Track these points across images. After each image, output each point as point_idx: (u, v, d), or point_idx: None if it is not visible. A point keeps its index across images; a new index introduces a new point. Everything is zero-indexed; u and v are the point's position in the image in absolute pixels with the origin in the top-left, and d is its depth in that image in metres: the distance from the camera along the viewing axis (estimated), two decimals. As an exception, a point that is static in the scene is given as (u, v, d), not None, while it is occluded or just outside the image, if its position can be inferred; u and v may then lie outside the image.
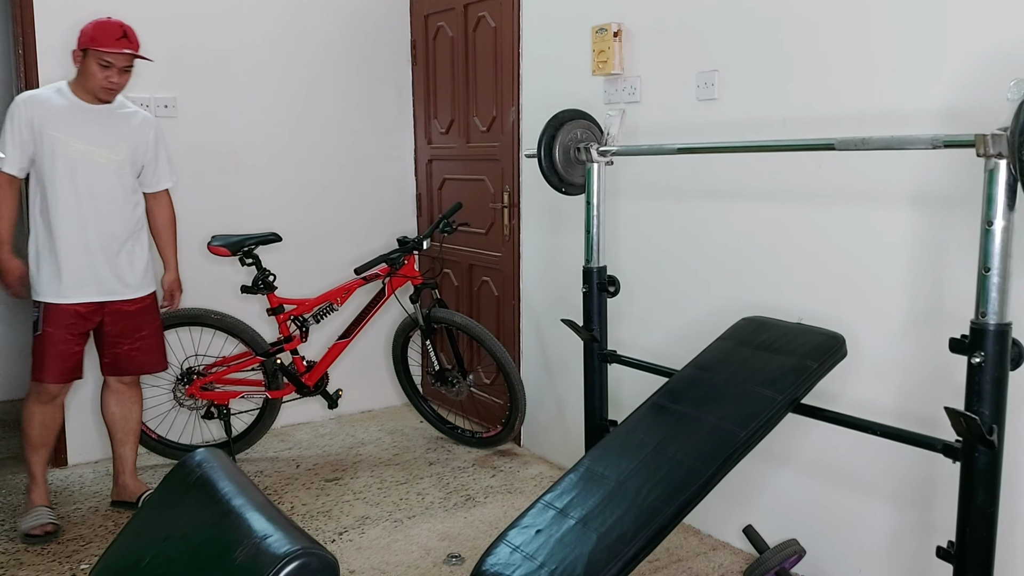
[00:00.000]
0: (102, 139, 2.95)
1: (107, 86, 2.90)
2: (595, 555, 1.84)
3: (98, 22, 2.89)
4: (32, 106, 2.89)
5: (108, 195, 2.97)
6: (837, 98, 2.42)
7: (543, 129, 2.67)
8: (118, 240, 3.00)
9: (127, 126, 3.03)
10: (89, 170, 2.92)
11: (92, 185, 2.93)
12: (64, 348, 2.94)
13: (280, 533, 1.32)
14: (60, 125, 2.89)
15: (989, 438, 1.71)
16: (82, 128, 2.92)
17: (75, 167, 2.90)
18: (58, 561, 2.82)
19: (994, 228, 1.69)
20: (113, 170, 2.97)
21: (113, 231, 2.98)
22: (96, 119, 2.95)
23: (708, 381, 2.28)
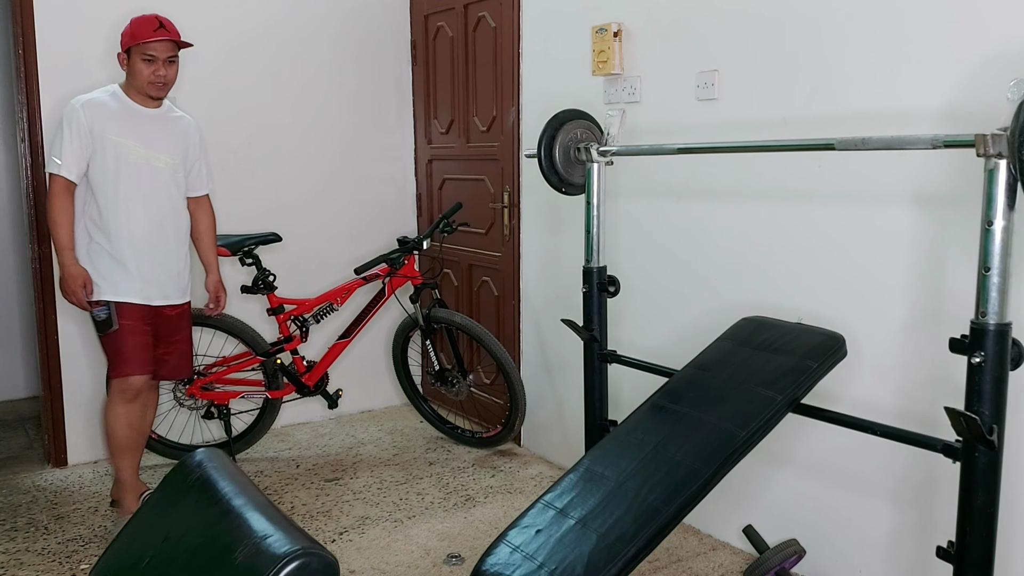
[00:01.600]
0: (160, 143, 2.95)
1: (155, 80, 2.87)
2: (595, 555, 1.84)
3: (134, 19, 2.89)
4: (91, 110, 2.85)
5: (167, 199, 2.97)
6: (837, 98, 2.42)
7: (543, 129, 2.67)
8: (175, 244, 3.01)
9: (178, 130, 3.03)
10: (152, 175, 2.92)
11: (154, 189, 2.93)
12: (143, 339, 2.94)
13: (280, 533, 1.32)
14: (120, 129, 2.87)
15: (989, 438, 1.71)
16: (141, 132, 2.91)
17: (138, 172, 2.89)
18: (58, 561, 2.82)
19: (994, 228, 1.69)
20: (170, 174, 2.98)
21: (172, 235, 3.00)
22: (152, 122, 2.95)
23: (708, 381, 2.28)
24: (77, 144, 2.82)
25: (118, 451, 3.02)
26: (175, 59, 2.91)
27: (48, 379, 3.61)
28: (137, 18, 2.88)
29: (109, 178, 2.86)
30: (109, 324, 2.90)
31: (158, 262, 2.96)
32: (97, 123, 2.84)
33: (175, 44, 2.89)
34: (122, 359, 2.93)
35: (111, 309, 2.89)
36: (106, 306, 2.89)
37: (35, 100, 3.45)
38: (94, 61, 3.55)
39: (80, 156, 2.83)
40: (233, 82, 3.88)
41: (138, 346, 2.93)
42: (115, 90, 2.94)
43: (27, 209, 3.58)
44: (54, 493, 3.38)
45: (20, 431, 4.16)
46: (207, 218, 3.21)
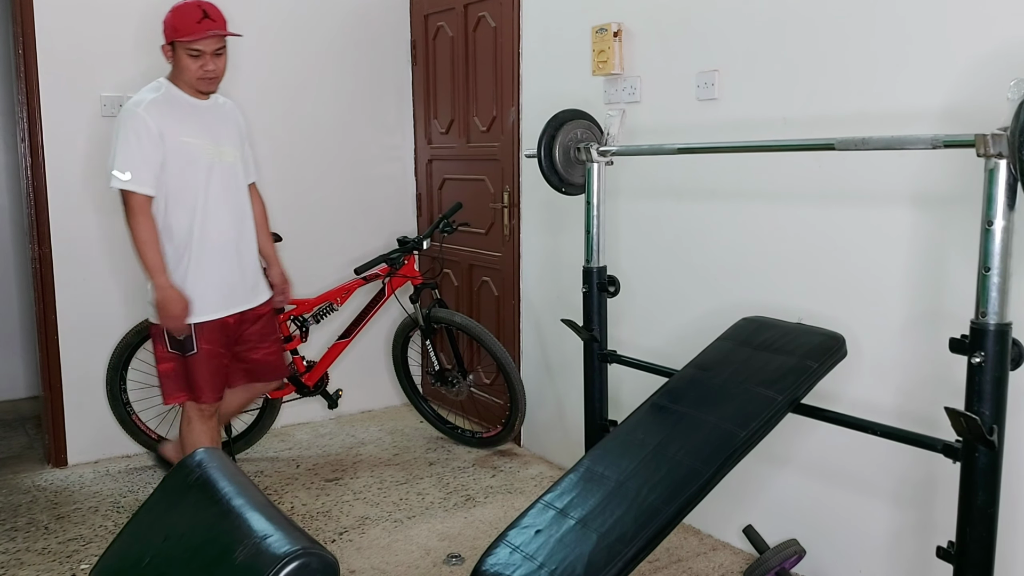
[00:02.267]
0: (223, 135, 2.75)
1: (203, 76, 2.64)
2: (595, 555, 1.84)
3: (175, 8, 2.61)
4: (156, 113, 2.59)
5: (240, 195, 2.81)
6: (837, 98, 2.42)
7: (543, 129, 2.67)
8: (252, 240, 2.86)
9: (230, 117, 2.84)
10: (224, 172, 2.73)
11: (229, 187, 2.74)
12: (219, 363, 2.77)
13: (280, 533, 1.32)
14: (187, 128, 2.65)
15: (989, 438, 1.71)
16: (205, 127, 2.70)
17: (212, 171, 2.69)
18: (58, 561, 2.82)
19: (994, 228, 1.69)
20: (239, 167, 2.81)
21: (249, 232, 2.84)
22: (211, 115, 2.74)
23: (708, 381, 2.28)
24: (150, 153, 2.57)
25: None
26: (223, 51, 2.66)
27: (48, 379, 3.61)
28: (178, 6, 2.60)
29: (186, 184, 2.64)
30: (189, 346, 2.70)
31: (244, 264, 2.80)
32: (166, 126, 2.60)
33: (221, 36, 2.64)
34: (200, 385, 2.74)
35: (191, 331, 2.69)
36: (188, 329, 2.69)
37: (35, 100, 3.45)
38: (95, 60, 3.55)
39: (154, 166, 2.58)
40: (232, 82, 3.86)
41: (216, 370, 2.76)
42: (166, 86, 2.68)
43: (27, 209, 3.58)
44: (54, 493, 3.38)
45: (20, 431, 4.16)
46: (260, 208, 2.99)
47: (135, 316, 3.60)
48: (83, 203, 3.58)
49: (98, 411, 3.66)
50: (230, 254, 2.75)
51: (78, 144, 3.55)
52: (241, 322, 2.83)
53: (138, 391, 3.65)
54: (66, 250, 3.57)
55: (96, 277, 3.65)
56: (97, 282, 3.65)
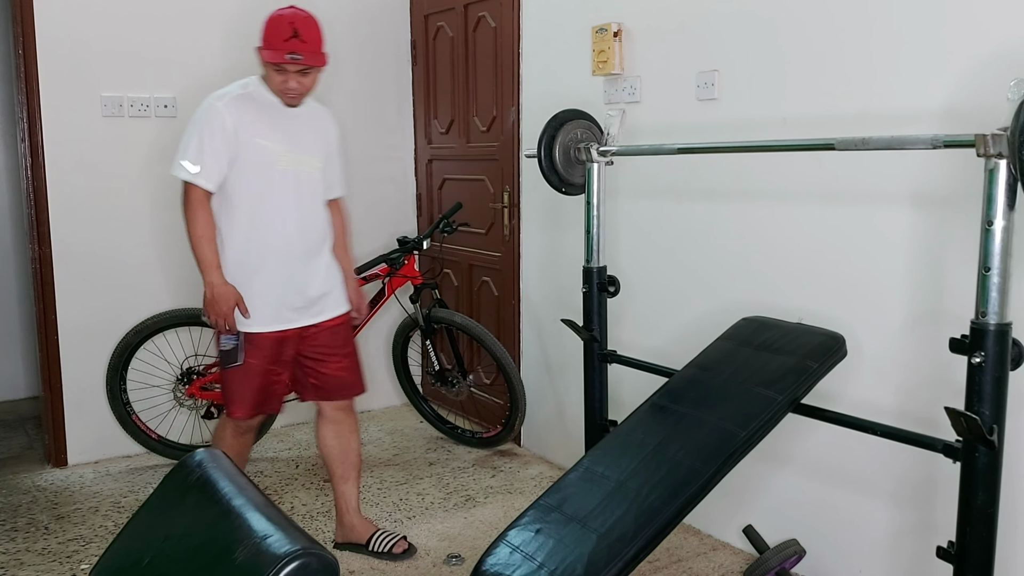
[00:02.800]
0: (308, 144, 2.63)
1: (285, 91, 2.52)
2: (595, 555, 1.84)
3: (272, 17, 2.48)
4: (236, 110, 2.50)
5: (316, 208, 2.66)
6: (837, 98, 2.42)
7: (543, 129, 2.67)
8: (323, 253, 2.69)
9: (321, 126, 2.71)
10: (301, 181, 2.60)
11: (303, 198, 2.61)
12: (264, 381, 2.62)
13: (280, 533, 1.31)
14: (266, 131, 2.53)
15: (989, 438, 1.71)
16: (288, 133, 2.58)
17: (287, 179, 2.56)
18: (58, 561, 2.82)
19: (994, 228, 1.69)
20: (318, 179, 2.66)
21: (319, 244, 2.68)
22: (297, 121, 2.61)
23: (708, 381, 2.28)
24: (221, 149, 2.47)
25: None
26: (311, 70, 2.52)
27: (48, 379, 3.61)
28: (275, 16, 2.48)
29: (253, 188, 2.52)
30: (234, 357, 2.58)
31: (307, 279, 2.63)
32: (243, 124, 2.50)
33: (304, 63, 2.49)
34: (234, 398, 2.62)
35: (240, 340, 2.57)
36: (236, 336, 2.57)
37: (35, 100, 3.45)
38: (95, 60, 3.56)
39: (223, 163, 2.49)
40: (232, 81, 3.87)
41: (258, 387, 2.61)
42: (256, 85, 2.58)
43: (27, 209, 3.58)
44: (54, 493, 3.38)
45: (20, 431, 4.16)
46: (340, 222, 2.84)
47: (135, 316, 3.61)
48: (83, 203, 3.58)
49: (98, 411, 3.66)
50: (291, 266, 2.60)
51: (78, 144, 3.55)
52: (303, 337, 2.67)
53: (138, 391, 3.65)
54: (66, 250, 3.57)
55: (96, 277, 3.65)
56: (97, 282, 3.65)
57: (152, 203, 3.71)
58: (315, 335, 2.69)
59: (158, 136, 3.69)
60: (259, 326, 2.57)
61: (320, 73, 2.56)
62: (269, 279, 2.57)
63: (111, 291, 3.66)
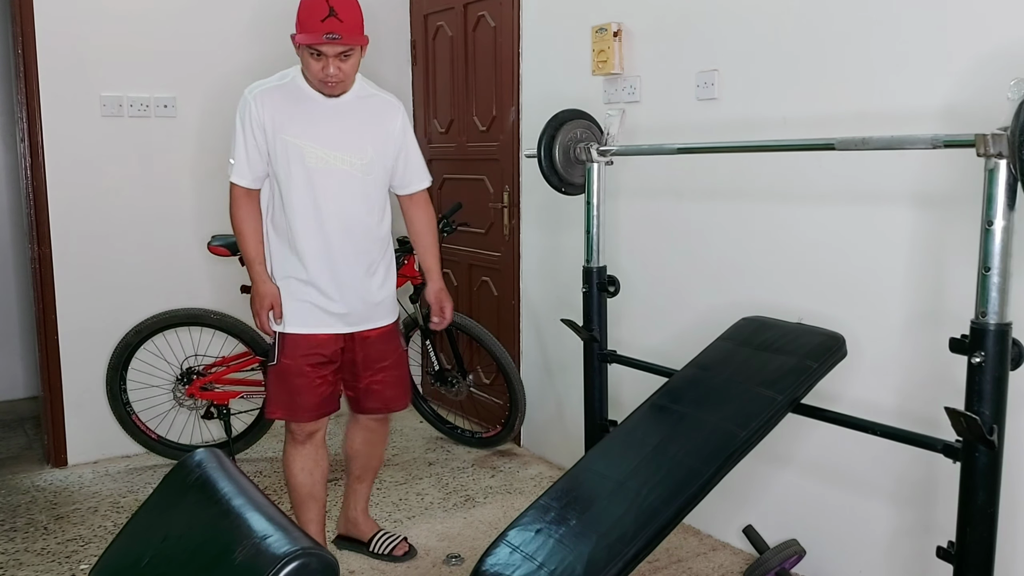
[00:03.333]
0: (345, 140, 2.42)
1: (323, 79, 2.34)
2: (595, 555, 1.84)
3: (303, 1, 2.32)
4: (264, 102, 2.39)
5: (354, 208, 2.45)
6: (837, 98, 2.42)
7: (543, 129, 2.67)
8: (366, 261, 2.51)
9: (372, 118, 2.48)
10: (331, 180, 2.41)
11: (335, 198, 2.42)
12: (301, 383, 2.49)
13: (280, 533, 1.31)
14: (295, 126, 2.38)
15: (989, 438, 1.71)
16: (321, 128, 2.40)
17: (317, 177, 2.39)
18: (57, 561, 2.82)
19: (994, 228, 1.69)
20: (359, 177, 2.44)
21: (362, 250, 2.49)
22: (336, 114, 2.42)
23: (708, 381, 2.28)
24: (252, 143, 2.39)
25: (295, 501, 2.64)
26: (351, 52, 2.35)
27: (48, 379, 3.61)
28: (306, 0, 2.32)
29: (285, 185, 2.40)
30: (272, 356, 2.51)
31: (346, 284, 2.47)
32: (273, 117, 2.38)
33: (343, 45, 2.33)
34: (269, 398, 2.55)
35: (276, 340, 2.50)
36: (275, 335, 2.51)
37: (35, 100, 3.45)
38: (95, 60, 3.55)
39: (255, 157, 2.41)
40: (233, 82, 3.87)
41: (294, 389, 2.49)
42: (293, 75, 2.45)
43: (27, 209, 3.58)
44: (54, 493, 3.38)
45: (20, 431, 4.16)
46: (422, 217, 2.67)
47: (135, 316, 3.60)
48: (83, 203, 3.58)
49: (98, 411, 3.66)
50: (331, 270, 2.45)
51: (78, 144, 3.55)
52: (351, 344, 2.55)
53: (138, 391, 3.65)
54: (66, 250, 3.57)
55: (96, 277, 3.64)
56: (97, 282, 3.65)
57: (152, 203, 3.71)
58: (358, 344, 2.56)
59: (158, 136, 3.69)
60: (292, 327, 2.48)
61: (361, 56, 2.40)
62: (307, 281, 2.45)
63: (111, 291, 3.66)
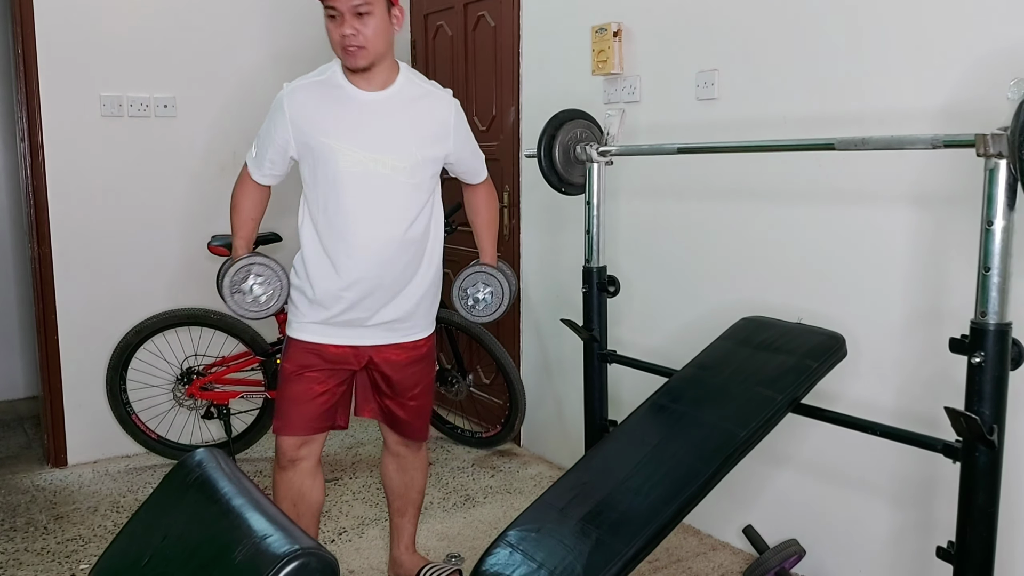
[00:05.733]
0: (386, 140, 2.18)
1: (344, 44, 2.08)
2: (595, 555, 1.84)
3: None
4: (297, 100, 2.19)
5: (391, 215, 2.22)
6: (837, 98, 2.42)
7: (543, 129, 2.67)
8: (400, 271, 2.27)
9: (420, 116, 2.24)
10: (373, 184, 2.18)
11: (375, 205, 2.20)
12: (301, 391, 2.29)
13: (280, 533, 1.31)
14: (329, 126, 2.17)
15: (989, 438, 1.71)
16: (357, 127, 2.17)
17: (353, 182, 2.17)
18: (57, 561, 2.82)
19: (994, 228, 1.69)
20: (401, 181, 2.21)
21: (396, 260, 2.25)
22: (375, 112, 2.18)
23: (708, 381, 2.28)
24: (277, 141, 2.21)
25: None
26: (368, 9, 2.05)
27: (48, 379, 3.61)
28: None
29: (318, 188, 2.21)
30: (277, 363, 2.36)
31: (376, 296, 2.26)
32: (304, 118, 2.18)
33: None
34: (276, 410, 2.37)
35: (285, 345, 2.36)
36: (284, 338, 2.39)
37: (35, 100, 3.45)
38: (95, 60, 3.55)
39: (275, 156, 2.24)
40: (233, 81, 3.87)
41: (293, 398, 2.29)
42: (333, 70, 2.22)
43: (27, 209, 3.58)
44: (53, 493, 3.38)
45: (19, 431, 4.16)
46: (481, 208, 2.54)
47: (135, 316, 3.60)
48: (83, 203, 3.58)
49: (98, 411, 3.66)
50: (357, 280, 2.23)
51: (78, 144, 3.55)
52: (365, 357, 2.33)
53: (138, 391, 3.65)
54: (66, 250, 3.57)
55: (96, 277, 3.64)
56: (97, 282, 3.65)
57: (153, 203, 3.71)
58: (383, 363, 2.34)
59: (158, 136, 3.69)
60: (296, 333, 2.33)
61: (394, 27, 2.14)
62: (327, 288, 2.25)
63: (111, 291, 3.66)
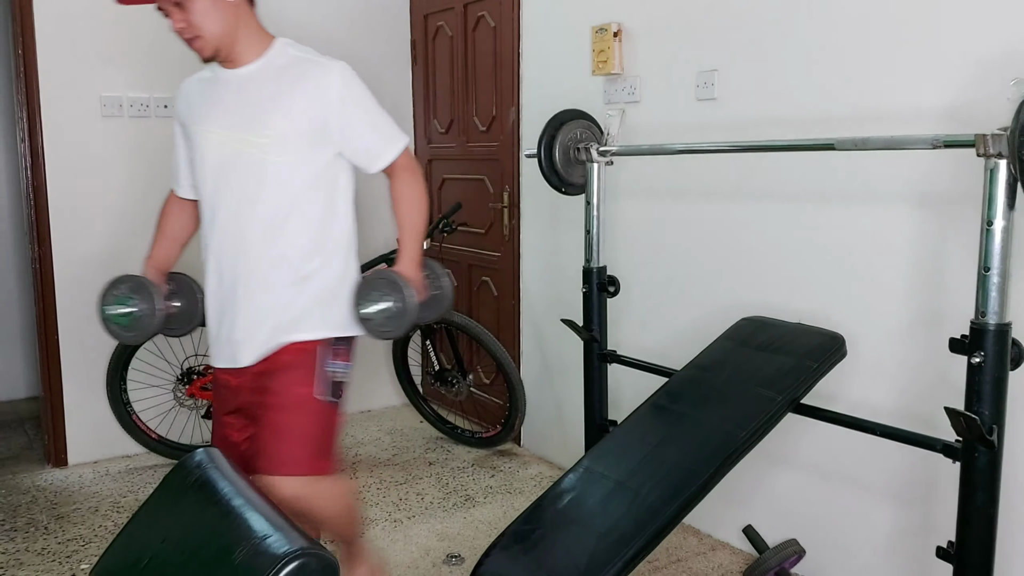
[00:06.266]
0: (250, 116, 1.92)
1: (183, 38, 1.91)
2: (595, 555, 1.84)
3: None
4: (180, 98, 2.07)
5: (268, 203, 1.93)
6: (837, 98, 2.42)
7: (543, 129, 2.67)
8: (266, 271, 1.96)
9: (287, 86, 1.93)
10: (229, 168, 1.94)
11: (244, 192, 1.93)
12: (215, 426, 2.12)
13: (279, 533, 1.32)
14: (201, 113, 1.99)
15: (989, 438, 1.71)
16: (223, 106, 1.95)
17: (213, 166, 1.97)
18: (58, 561, 2.82)
19: (994, 228, 1.69)
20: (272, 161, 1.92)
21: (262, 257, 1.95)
22: (240, 88, 1.95)
23: (708, 381, 2.28)
24: (177, 143, 2.12)
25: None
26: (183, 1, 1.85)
27: (48, 379, 3.61)
28: None
29: (198, 189, 2.05)
30: None
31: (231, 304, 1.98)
32: (184, 112, 2.05)
33: None
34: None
35: None
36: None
37: (35, 100, 3.45)
38: (95, 60, 3.55)
39: (180, 161, 2.13)
40: (233, 82, 3.87)
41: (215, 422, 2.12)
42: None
43: (27, 209, 3.58)
44: (54, 493, 3.38)
45: (20, 431, 4.16)
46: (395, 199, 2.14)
47: (135, 316, 3.60)
48: (83, 203, 3.58)
49: (98, 411, 3.65)
50: (225, 285, 1.99)
51: (78, 144, 3.55)
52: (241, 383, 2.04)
53: (138, 391, 3.65)
54: (66, 250, 3.57)
55: (96, 277, 3.63)
56: (97, 282, 3.61)
57: (152, 203, 3.71)
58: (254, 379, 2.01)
59: (158, 136, 3.69)
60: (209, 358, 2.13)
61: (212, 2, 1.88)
62: (210, 303, 2.04)
63: (111, 291, 3.66)
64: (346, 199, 2.09)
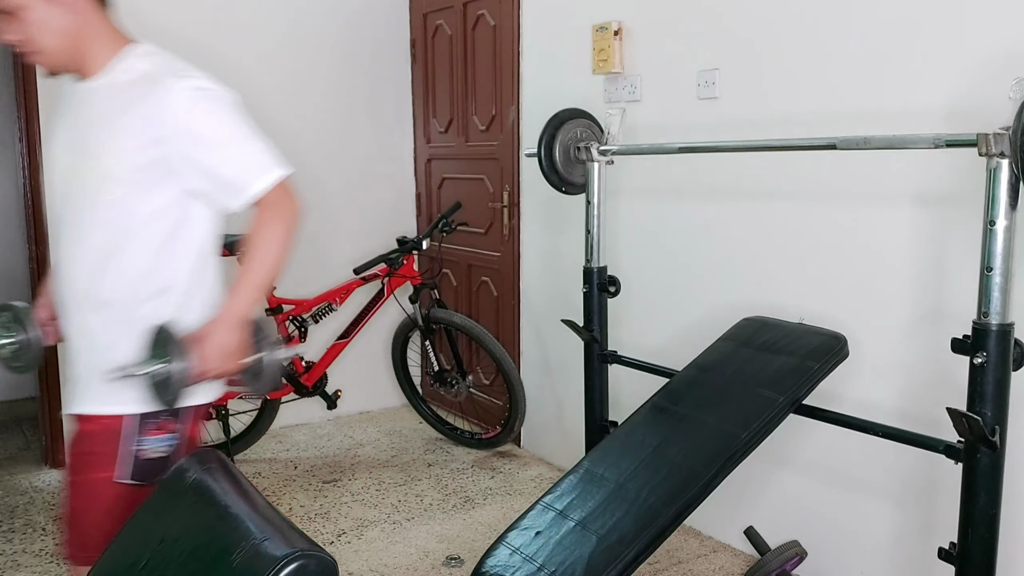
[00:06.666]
0: (87, 143, 1.63)
1: (16, 49, 1.60)
2: (595, 557, 1.83)
3: None
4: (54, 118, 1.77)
5: (80, 239, 1.65)
6: (838, 97, 2.42)
7: (543, 128, 2.66)
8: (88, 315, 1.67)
9: (121, 108, 1.61)
10: (63, 198, 1.69)
11: (67, 224, 1.68)
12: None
13: (278, 535, 1.31)
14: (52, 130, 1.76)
15: (991, 439, 1.70)
16: (63, 126, 1.70)
17: (56, 200, 1.71)
18: (56, 563, 2.81)
19: (996, 228, 1.68)
20: (95, 195, 1.62)
21: (88, 296, 1.66)
22: (83, 107, 1.66)
23: (709, 382, 2.27)
24: None
25: None
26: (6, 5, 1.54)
27: (46, 380, 3.60)
28: None
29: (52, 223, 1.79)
30: None
31: (76, 340, 1.71)
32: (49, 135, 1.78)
33: None
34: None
35: None
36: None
37: (33, 100, 3.44)
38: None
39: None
40: (231, 81, 3.85)
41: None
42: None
43: (24, 209, 3.57)
44: (52, 494, 3.36)
45: (17, 432, 4.15)
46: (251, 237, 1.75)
47: (133, 316, 3.59)
48: (81, 203, 3.57)
49: (96, 412, 3.64)
50: (66, 322, 1.73)
51: (76, 144, 3.54)
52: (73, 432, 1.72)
53: (136, 391, 3.64)
54: (64, 250, 3.55)
55: (94, 277, 3.63)
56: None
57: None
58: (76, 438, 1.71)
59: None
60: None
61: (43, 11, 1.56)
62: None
63: (109, 291, 3.65)
64: (196, 242, 1.75)
